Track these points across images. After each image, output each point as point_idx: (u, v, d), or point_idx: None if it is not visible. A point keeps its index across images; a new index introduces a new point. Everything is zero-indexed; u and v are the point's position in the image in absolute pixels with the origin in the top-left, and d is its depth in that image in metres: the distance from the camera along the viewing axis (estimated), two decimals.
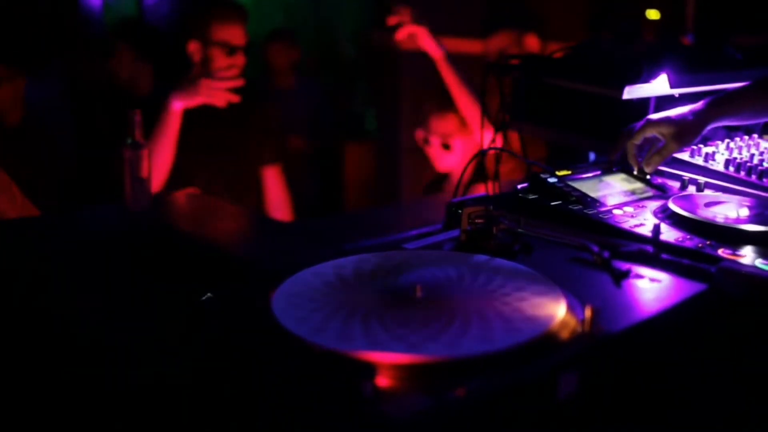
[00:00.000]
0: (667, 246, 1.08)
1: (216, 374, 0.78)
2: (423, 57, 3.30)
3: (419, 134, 2.85)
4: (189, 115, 2.76)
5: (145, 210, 1.59)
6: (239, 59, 2.71)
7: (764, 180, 1.36)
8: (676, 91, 1.50)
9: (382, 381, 0.74)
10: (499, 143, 1.63)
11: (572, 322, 0.85)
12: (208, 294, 0.95)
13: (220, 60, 2.69)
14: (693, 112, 1.34)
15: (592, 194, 1.28)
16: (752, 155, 1.48)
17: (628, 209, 1.24)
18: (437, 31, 2.87)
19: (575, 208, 1.23)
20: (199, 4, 2.90)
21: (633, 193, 1.34)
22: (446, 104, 2.75)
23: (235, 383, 0.76)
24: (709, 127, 1.34)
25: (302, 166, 4.31)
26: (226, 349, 0.83)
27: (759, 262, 1.02)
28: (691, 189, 1.38)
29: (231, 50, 2.68)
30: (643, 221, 1.18)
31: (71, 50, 4.15)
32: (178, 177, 2.68)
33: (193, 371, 0.79)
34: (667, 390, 0.95)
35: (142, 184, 1.58)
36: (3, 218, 1.93)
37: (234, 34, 2.71)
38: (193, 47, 2.69)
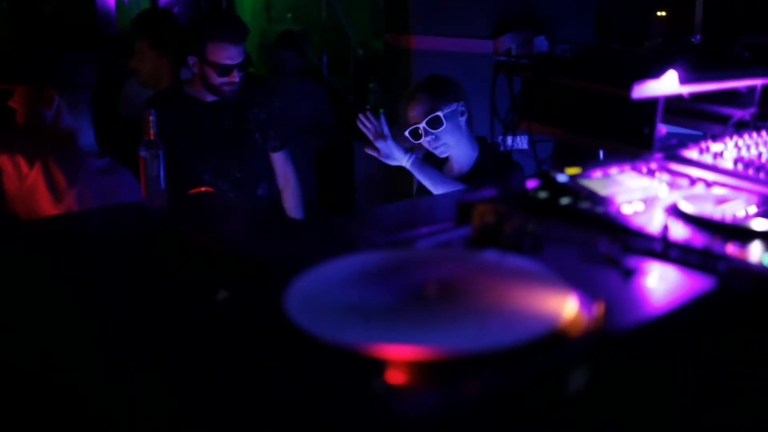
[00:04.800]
0: (675, 244, 1.09)
1: (229, 370, 0.80)
2: (434, 57, 3.32)
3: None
4: (191, 113, 2.83)
5: (161, 209, 1.61)
6: (233, 77, 2.75)
7: None
8: (686, 89, 1.51)
9: (393, 377, 0.75)
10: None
11: (582, 318, 0.86)
12: (223, 292, 0.96)
13: (213, 78, 2.76)
14: None
15: (602, 192, 1.29)
16: (760, 153, 1.49)
17: (638, 207, 1.25)
18: (448, 32, 2.88)
19: (585, 206, 1.24)
20: (196, 22, 2.98)
21: (643, 191, 1.34)
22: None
23: (247, 379, 0.77)
24: None
25: (312, 167, 4.33)
26: (239, 345, 0.84)
27: (767, 260, 1.02)
28: (700, 187, 1.39)
29: (223, 70, 2.74)
30: (653, 219, 1.19)
31: (91, 50, 4.18)
32: (185, 176, 2.73)
33: (207, 368, 0.81)
34: (675, 387, 0.96)
35: (158, 183, 1.60)
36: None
37: (227, 54, 2.76)
38: (192, 61, 2.79)
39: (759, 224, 1.13)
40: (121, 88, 3.85)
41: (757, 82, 1.66)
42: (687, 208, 1.20)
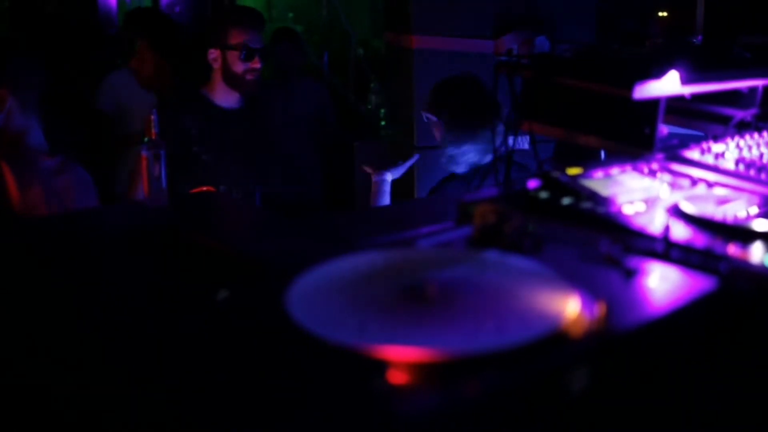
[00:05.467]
0: (677, 244, 1.09)
1: (229, 370, 0.80)
2: (435, 56, 3.32)
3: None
4: (213, 119, 2.84)
5: (162, 207, 1.61)
6: (256, 63, 2.77)
7: None
8: (687, 90, 1.51)
9: (394, 377, 0.75)
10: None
11: (583, 318, 0.86)
12: (223, 292, 0.96)
13: (236, 66, 2.76)
14: None
15: (604, 192, 1.29)
16: (762, 154, 1.49)
17: (639, 207, 1.25)
18: (449, 32, 2.91)
19: (586, 206, 1.24)
20: (217, 11, 3.00)
21: (644, 191, 1.34)
22: None
23: (247, 379, 0.77)
24: None
25: (312, 166, 4.33)
26: (240, 345, 0.84)
27: None
28: (701, 187, 1.39)
29: (248, 55, 2.75)
30: (654, 219, 1.19)
31: (92, 51, 4.18)
32: (201, 184, 2.71)
33: (207, 368, 0.81)
34: (676, 387, 0.96)
35: (159, 182, 1.60)
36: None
37: (250, 38, 2.79)
38: (213, 54, 2.78)
39: (760, 225, 1.13)
40: (99, 84, 3.84)
41: (759, 82, 1.66)
42: (688, 208, 1.20)
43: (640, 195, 1.32)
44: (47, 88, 2.25)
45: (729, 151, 1.49)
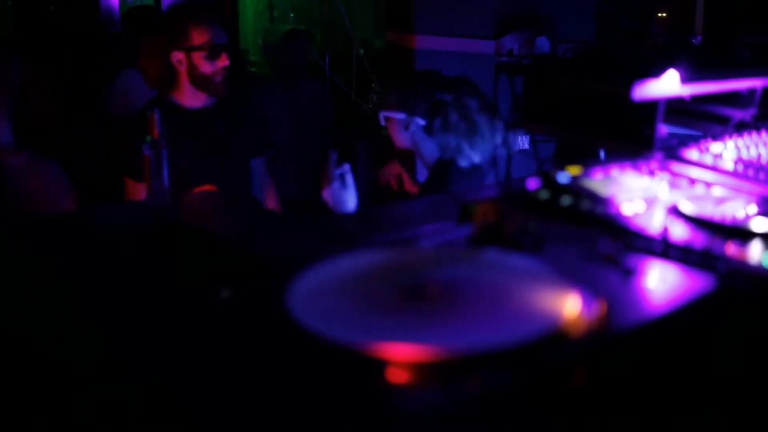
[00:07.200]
0: (675, 244, 1.09)
1: (231, 369, 0.80)
2: (437, 56, 3.32)
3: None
4: (185, 124, 2.76)
5: (163, 207, 1.62)
6: (224, 60, 2.65)
7: None
8: (687, 90, 1.51)
9: (395, 375, 0.76)
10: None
11: (584, 317, 0.87)
12: (225, 291, 0.97)
13: (204, 66, 2.65)
14: None
15: (603, 193, 1.30)
16: (760, 154, 1.49)
17: (639, 207, 1.25)
18: (450, 32, 2.93)
19: (585, 206, 1.24)
20: (171, 15, 2.84)
21: (643, 191, 1.35)
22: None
23: (249, 377, 0.78)
24: None
25: (313, 163, 4.33)
26: (241, 343, 0.85)
27: (767, 260, 1.03)
28: (700, 187, 1.39)
29: (215, 53, 2.62)
30: (653, 219, 1.20)
31: (97, 49, 4.18)
32: (184, 184, 2.68)
33: (208, 367, 0.81)
34: (675, 387, 0.96)
35: (161, 181, 1.61)
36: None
37: (215, 35, 2.64)
38: (177, 57, 2.66)
39: (758, 225, 1.13)
40: (108, 86, 3.82)
41: (758, 83, 1.66)
42: (687, 208, 1.21)
43: (639, 195, 1.32)
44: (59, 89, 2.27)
45: (727, 151, 1.50)
